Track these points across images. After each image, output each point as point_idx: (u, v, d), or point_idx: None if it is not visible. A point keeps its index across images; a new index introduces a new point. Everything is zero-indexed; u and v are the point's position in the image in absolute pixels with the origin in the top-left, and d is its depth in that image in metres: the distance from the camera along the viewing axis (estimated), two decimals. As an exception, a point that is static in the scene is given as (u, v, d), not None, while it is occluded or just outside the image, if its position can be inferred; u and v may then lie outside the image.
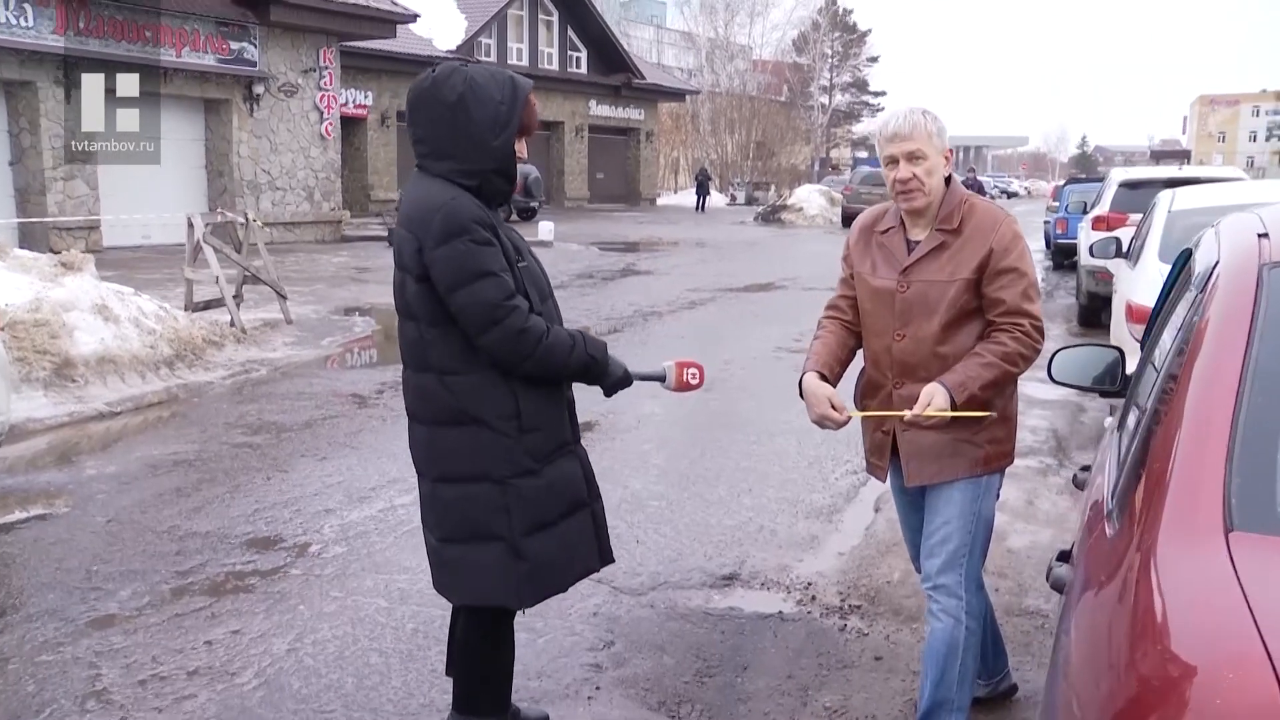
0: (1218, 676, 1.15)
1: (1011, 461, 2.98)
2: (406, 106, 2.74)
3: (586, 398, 2.83)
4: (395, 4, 23.57)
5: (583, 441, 2.88)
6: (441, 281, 2.58)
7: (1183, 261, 2.86)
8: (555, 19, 36.80)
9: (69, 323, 7.44)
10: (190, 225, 10.38)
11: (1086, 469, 2.82)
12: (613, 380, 2.83)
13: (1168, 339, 2.27)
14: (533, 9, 35.93)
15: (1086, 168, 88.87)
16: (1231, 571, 1.28)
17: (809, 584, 4.36)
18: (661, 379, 2.95)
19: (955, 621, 2.85)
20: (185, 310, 9.83)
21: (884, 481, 3.13)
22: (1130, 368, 3.16)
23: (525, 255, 2.76)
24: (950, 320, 2.82)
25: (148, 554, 4.57)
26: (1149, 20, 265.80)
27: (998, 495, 3.00)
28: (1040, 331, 2.79)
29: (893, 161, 2.83)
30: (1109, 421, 3.36)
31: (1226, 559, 1.30)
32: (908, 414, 2.71)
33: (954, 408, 2.68)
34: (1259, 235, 1.90)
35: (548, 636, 3.79)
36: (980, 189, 25.98)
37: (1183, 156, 73.60)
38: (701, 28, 56.31)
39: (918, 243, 2.89)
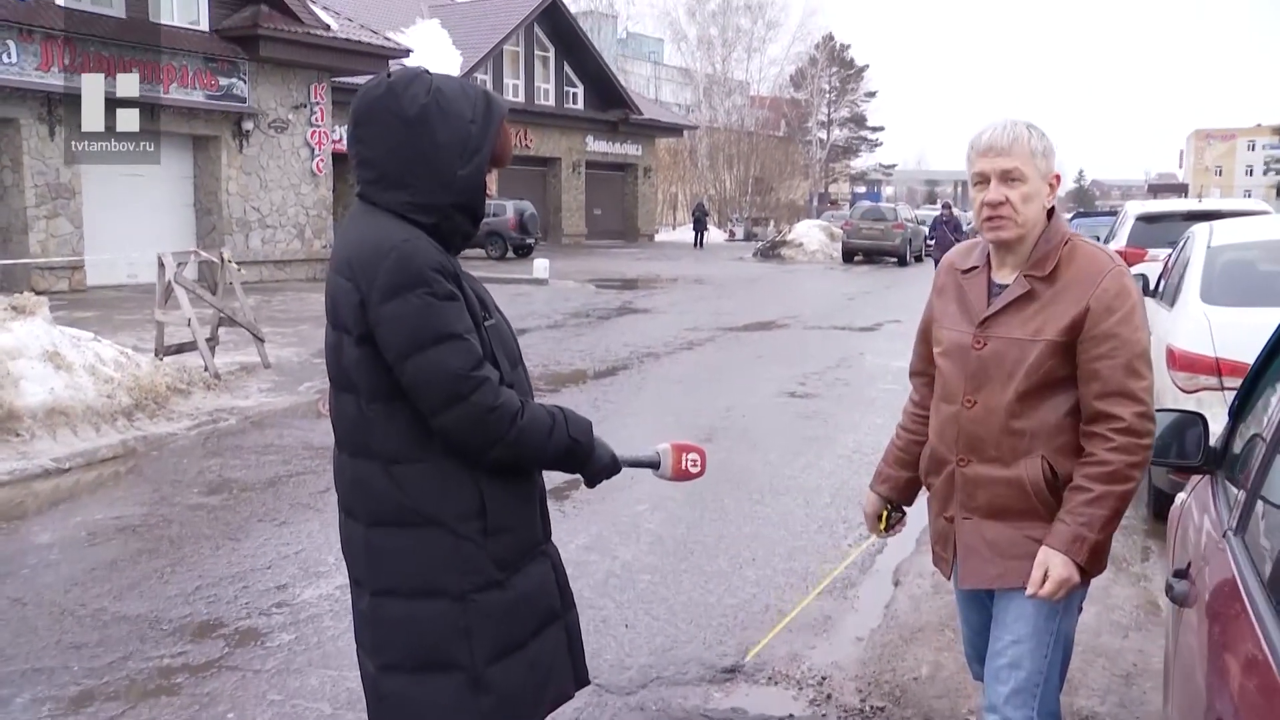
0: None
1: (1101, 570, 2.38)
2: (351, 118, 2.14)
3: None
4: (388, 40, 23.26)
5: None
6: (390, 345, 2.02)
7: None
8: (551, 55, 36.59)
9: (14, 371, 6.87)
10: (161, 265, 9.87)
11: (1181, 575, 2.25)
12: (598, 468, 2.26)
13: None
14: (529, 45, 35.70)
15: (1084, 202, 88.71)
16: None
17: (823, 678, 3.77)
18: (655, 465, 2.40)
19: (1025, 765, 2.28)
20: (156, 355, 9.29)
21: (948, 578, 2.57)
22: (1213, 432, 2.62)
23: (492, 311, 2.18)
24: (1029, 389, 2.27)
25: (61, 645, 3.98)
26: (1144, 54, 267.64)
27: (1080, 609, 2.43)
28: (1148, 419, 2.21)
29: (983, 180, 2.30)
30: (1190, 502, 2.79)
31: None
32: (1029, 590, 2.25)
33: (1080, 569, 2.21)
34: None
35: (517, 755, 3.19)
36: (957, 227, 22.93)
37: (1180, 190, 73.65)
38: (699, 64, 56.21)
39: (1003, 288, 2.34)
